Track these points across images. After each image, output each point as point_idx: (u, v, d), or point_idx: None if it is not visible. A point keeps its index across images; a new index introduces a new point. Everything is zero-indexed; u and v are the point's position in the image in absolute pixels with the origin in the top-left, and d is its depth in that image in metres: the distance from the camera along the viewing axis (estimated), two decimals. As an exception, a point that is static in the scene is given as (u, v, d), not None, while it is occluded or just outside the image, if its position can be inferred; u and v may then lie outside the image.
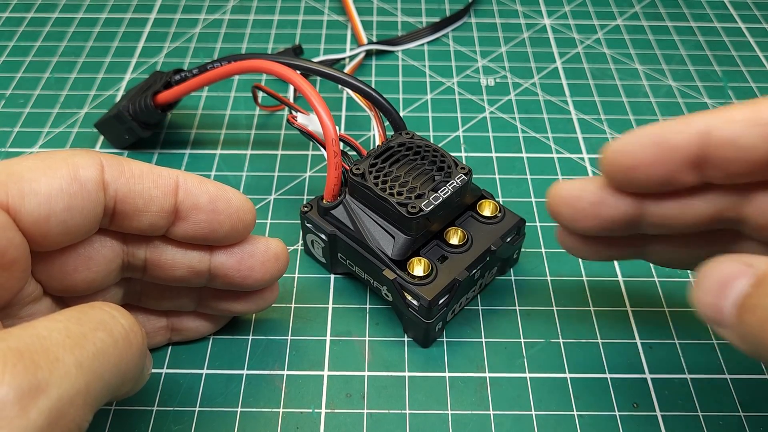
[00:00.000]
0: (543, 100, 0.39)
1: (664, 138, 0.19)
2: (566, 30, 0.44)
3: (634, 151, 0.20)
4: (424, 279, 0.25)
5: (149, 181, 0.20)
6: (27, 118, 0.37)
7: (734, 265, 0.18)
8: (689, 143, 0.19)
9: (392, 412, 0.25)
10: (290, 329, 0.27)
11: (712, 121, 0.19)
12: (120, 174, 0.20)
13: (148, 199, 0.20)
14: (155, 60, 0.41)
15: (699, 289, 0.18)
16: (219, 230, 0.22)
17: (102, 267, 0.21)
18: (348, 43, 0.43)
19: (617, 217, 0.21)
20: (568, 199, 0.22)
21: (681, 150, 0.19)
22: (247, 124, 0.36)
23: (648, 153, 0.20)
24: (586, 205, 0.21)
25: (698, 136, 0.19)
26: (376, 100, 0.29)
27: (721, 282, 0.18)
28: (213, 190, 0.22)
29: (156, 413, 0.24)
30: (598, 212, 0.21)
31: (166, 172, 0.21)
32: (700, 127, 0.19)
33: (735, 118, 0.19)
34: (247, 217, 0.22)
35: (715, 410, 0.25)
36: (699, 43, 0.43)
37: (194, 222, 0.21)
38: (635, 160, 0.20)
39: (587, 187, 0.21)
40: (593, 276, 0.29)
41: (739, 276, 0.17)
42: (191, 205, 0.21)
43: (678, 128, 0.19)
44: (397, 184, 0.26)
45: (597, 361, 0.26)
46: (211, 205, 0.21)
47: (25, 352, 0.15)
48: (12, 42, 0.42)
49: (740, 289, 0.17)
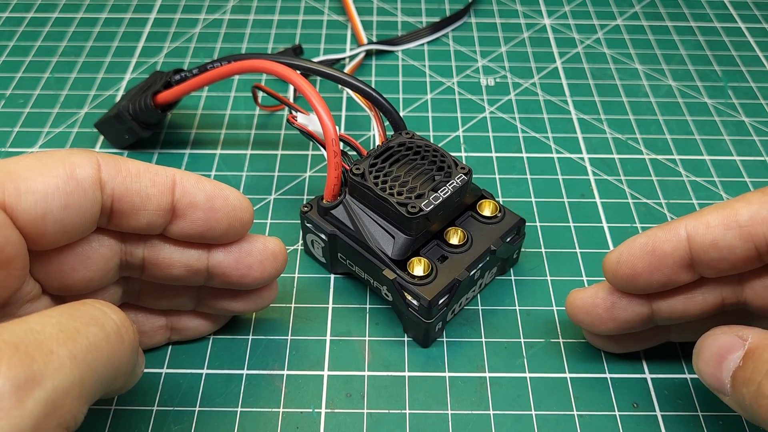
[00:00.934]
0: (543, 100, 0.39)
1: (655, 247, 0.21)
2: (566, 30, 0.44)
3: (631, 261, 0.22)
4: (424, 279, 0.25)
5: (146, 180, 0.20)
6: (27, 118, 0.37)
7: (728, 337, 0.20)
8: (677, 249, 0.21)
9: (392, 412, 0.25)
10: (290, 329, 0.27)
11: (692, 227, 0.21)
12: (117, 173, 0.20)
13: (145, 198, 0.20)
14: (155, 60, 0.41)
15: (699, 360, 0.21)
16: (216, 228, 0.22)
17: (100, 266, 0.21)
18: (348, 43, 0.43)
19: (632, 318, 0.23)
20: (584, 308, 0.24)
21: (672, 256, 0.21)
22: (247, 124, 0.36)
23: (644, 262, 0.22)
24: (601, 311, 0.23)
25: (683, 242, 0.21)
26: (376, 100, 0.29)
27: (718, 354, 0.20)
28: (210, 188, 0.22)
29: (156, 413, 0.24)
30: (613, 316, 0.23)
31: (163, 170, 0.21)
32: (683, 234, 0.21)
33: (711, 224, 0.20)
34: (244, 216, 0.22)
35: (715, 410, 0.25)
36: (699, 43, 0.43)
37: (191, 220, 0.21)
38: (634, 269, 0.22)
39: (599, 294, 0.23)
40: (593, 276, 0.29)
41: (733, 349, 0.20)
42: (188, 203, 0.21)
43: (665, 236, 0.21)
44: (397, 184, 0.26)
45: (597, 361, 0.26)
46: (208, 203, 0.21)
47: (20, 345, 0.15)
48: (12, 42, 0.42)
49: (734, 361, 0.19)
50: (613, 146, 0.35)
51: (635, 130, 0.37)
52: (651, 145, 0.36)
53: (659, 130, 0.37)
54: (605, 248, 0.30)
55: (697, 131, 0.37)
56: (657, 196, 0.33)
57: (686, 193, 0.33)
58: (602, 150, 0.35)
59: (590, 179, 0.34)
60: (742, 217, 0.20)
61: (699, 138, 0.36)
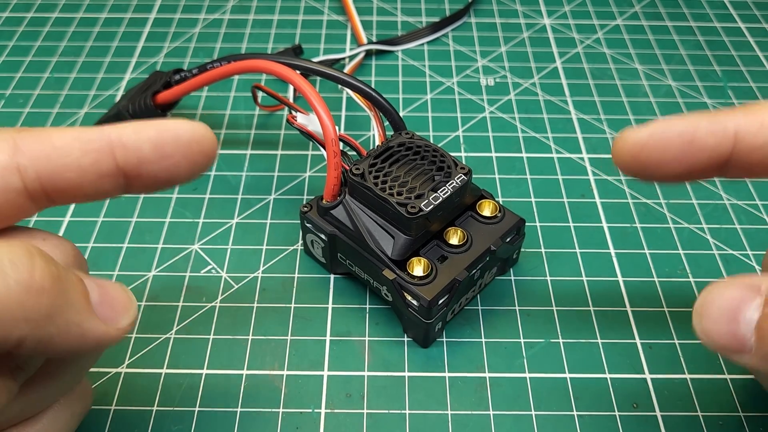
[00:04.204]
0: (543, 100, 0.39)
1: (696, 137, 0.19)
2: (566, 30, 0.44)
3: (663, 145, 0.19)
4: (423, 279, 0.25)
5: (76, 151, 0.18)
6: (27, 118, 0.37)
7: (737, 289, 0.17)
8: (720, 145, 0.19)
9: (392, 412, 0.25)
10: (290, 329, 0.27)
11: (744, 123, 0.19)
12: (40, 151, 0.18)
13: (80, 170, 0.18)
14: (155, 60, 0.41)
15: (706, 319, 0.18)
16: (179, 172, 0.19)
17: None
18: (348, 43, 0.43)
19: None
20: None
21: (712, 151, 0.19)
22: (247, 124, 0.36)
23: (678, 150, 0.19)
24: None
25: (729, 138, 0.19)
26: (376, 100, 0.29)
27: (730, 309, 0.17)
28: (154, 135, 0.19)
29: (156, 413, 0.24)
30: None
31: (97, 133, 0.18)
32: (731, 130, 0.19)
33: (766, 123, 0.18)
34: (204, 146, 0.19)
35: (715, 410, 0.25)
36: (699, 43, 0.43)
37: (147, 176, 0.19)
38: (663, 155, 0.19)
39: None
40: (593, 276, 0.29)
41: (747, 299, 0.17)
42: (136, 160, 0.18)
43: (709, 128, 0.19)
44: (397, 184, 0.26)
45: (597, 361, 0.26)
46: (158, 152, 0.19)
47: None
48: (12, 42, 0.42)
49: (753, 312, 0.17)
50: (613, 146, 0.35)
51: (635, 130, 0.36)
52: (651, 145, 0.36)
53: (659, 130, 0.36)
54: (605, 248, 0.30)
55: (697, 131, 0.37)
56: (657, 196, 0.33)
57: (686, 193, 0.33)
58: (602, 150, 0.35)
59: (590, 179, 0.34)
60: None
61: (699, 138, 0.36)
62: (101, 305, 0.18)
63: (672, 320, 0.28)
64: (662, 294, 0.29)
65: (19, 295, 0.15)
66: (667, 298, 0.28)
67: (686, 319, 0.28)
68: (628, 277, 0.29)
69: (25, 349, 0.16)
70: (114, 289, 0.18)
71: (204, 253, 0.30)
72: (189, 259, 0.30)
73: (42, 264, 0.16)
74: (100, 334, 0.17)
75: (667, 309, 0.28)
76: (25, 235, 0.19)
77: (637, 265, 0.30)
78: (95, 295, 0.18)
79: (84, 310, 0.17)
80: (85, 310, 0.17)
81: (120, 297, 0.18)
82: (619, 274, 0.29)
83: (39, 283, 0.15)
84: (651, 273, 0.29)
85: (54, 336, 0.16)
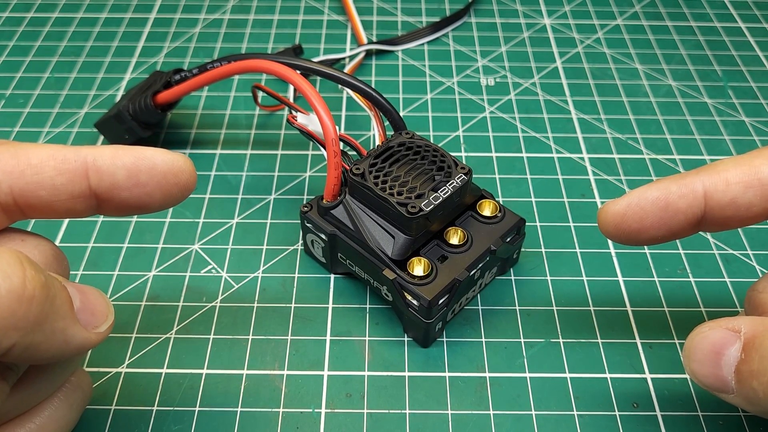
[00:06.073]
0: (543, 99, 0.39)
1: (669, 202, 0.20)
2: (566, 30, 0.44)
3: (640, 215, 0.20)
4: (424, 279, 0.25)
5: (50, 169, 0.18)
6: (27, 118, 0.37)
7: (720, 332, 0.19)
8: (692, 206, 0.20)
9: (392, 412, 0.25)
10: (290, 329, 0.27)
11: (710, 183, 0.20)
12: (14, 167, 0.18)
13: (53, 189, 0.18)
14: (155, 60, 0.41)
15: (693, 361, 0.19)
16: (152, 201, 0.19)
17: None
18: (348, 42, 0.43)
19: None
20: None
21: (685, 213, 0.20)
22: (247, 124, 0.36)
23: (655, 217, 0.20)
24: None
25: (699, 199, 0.20)
26: (376, 100, 0.29)
27: (713, 352, 0.19)
28: (130, 162, 0.19)
29: (156, 413, 0.24)
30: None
31: (73, 153, 0.18)
32: (699, 191, 0.20)
33: (731, 181, 0.20)
34: (180, 178, 0.19)
35: (715, 410, 0.25)
36: (699, 42, 0.43)
37: (119, 201, 0.19)
38: (641, 224, 0.20)
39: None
40: (593, 276, 0.29)
41: (727, 343, 0.18)
42: (109, 185, 0.19)
43: (679, 191, 0.20)
44: (397, 184, 0.26)
45: (597, 361, 0.26)
46: (131, 180, 0.19)
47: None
48: (12, 42, 0.42)
49: (734, 356, 0.18)
50: (613, 146, 0.36)
51: (635, 129, 0.37)
52: (651, 145, 0.36)
53: (659, 130, 0.37)
54: (605, 248, 0.30)
55: (697, 131, 0.37)
56: (657, 196, 0.33)
57: (686, 193, 0.33)
58: (602, 150, 0.35)
59: (590, 179, 0.34)
60: (764, 174, 0.19)
61: (699, 138, 0.36)
62: (83, 312, 0.18)
63: (672, 320, 0.28)
64: (662, 294, 0.29)
65: (11, 304, 0.15)
66: (668, 298, 0.28)
67: (686, 319, 0.28)
68: (628, 277, 0.29)
69: (12, 357, 0.16)
70: (93, 295, 0.19)
71: (204, 253, 0.30)
72: (189, 259, 0.30)
73: (32, 272, 0.16)
74: (82, 340, 0.18)
75: (667, 309, 0.28)
76: (4, 237, 0.19)
77: (637, 265, 0.30)
78: (77, 301, 0.18)
79: (68, 317, 0.17)
80: (69, 317, 0.17)
81: (99, 303, 0.19)
82: (619, 274, 0.29)
83: (30, 292, 0.15)
84: (651, 273, 0.29)
85: (41, 343, 0.16)
